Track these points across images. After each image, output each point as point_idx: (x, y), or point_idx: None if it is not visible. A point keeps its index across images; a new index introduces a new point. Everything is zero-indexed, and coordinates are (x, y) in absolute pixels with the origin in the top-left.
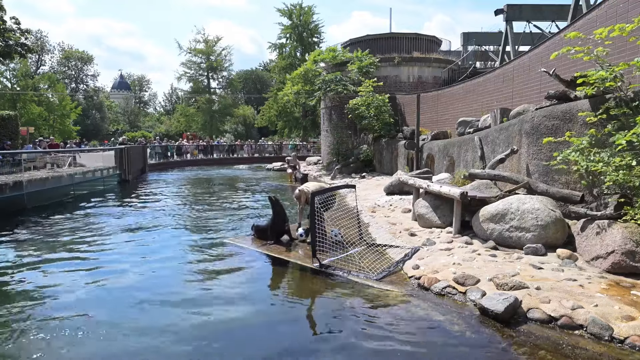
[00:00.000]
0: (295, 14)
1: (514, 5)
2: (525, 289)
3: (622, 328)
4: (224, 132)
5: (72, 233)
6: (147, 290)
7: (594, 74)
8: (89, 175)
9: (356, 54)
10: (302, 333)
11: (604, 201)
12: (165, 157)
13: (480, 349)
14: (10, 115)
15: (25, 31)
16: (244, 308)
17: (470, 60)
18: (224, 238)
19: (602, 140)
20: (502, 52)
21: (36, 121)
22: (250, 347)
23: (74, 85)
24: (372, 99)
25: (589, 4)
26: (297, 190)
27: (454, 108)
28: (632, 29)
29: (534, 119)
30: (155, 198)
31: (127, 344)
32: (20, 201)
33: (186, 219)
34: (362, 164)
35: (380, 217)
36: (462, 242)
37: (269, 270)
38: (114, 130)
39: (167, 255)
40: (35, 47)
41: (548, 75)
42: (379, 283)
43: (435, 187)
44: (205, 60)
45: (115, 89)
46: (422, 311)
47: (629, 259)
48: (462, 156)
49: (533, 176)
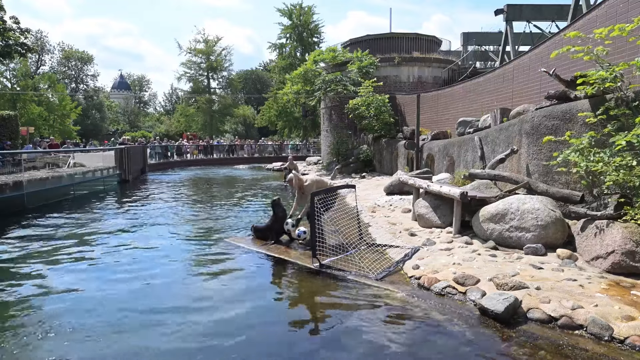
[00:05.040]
0: (295, 14)
1: (514, 5)
2: (525, 289)
3: (622, 328)
4: (224, 132)
5: (71, 233)
6: (146, 291)
7: (594, 74)
8: (89, 175)
9: (356, 54)
10: (302, 333)
11: (604, 201)
12: (165, 157)
13: (480, 349)
14: (10, 115)
15: (25, 31)
16: (244, 308)
17: (470, 60)
18: (224, 238)
19: (602, 140)
20: (502, 52)
21: (36, 121)
22: (250, 348)
23: (74, 85)
24: (372, 99)
25: (589, 4)
26: (290, 174)
27: (454, 108)
28: (632, 28)
29: (534, 119)
30: (155, 198)
31: (125, 344)
32: (20, 201)
33: (186, 219)
34: (362, 164)
35: (380, 217)
36: (462, 242)
37: (269, 270)
38: (113, 130)
39: (166, 256)
40: (35, 47)
41: (548, 75)
42: (379, 283)
43: (435, 187)
44: (205, 60)
45: (115, 89)
46: (422, 311)
47: (629, 259)
48: (462, 156)
49: (533, 176)
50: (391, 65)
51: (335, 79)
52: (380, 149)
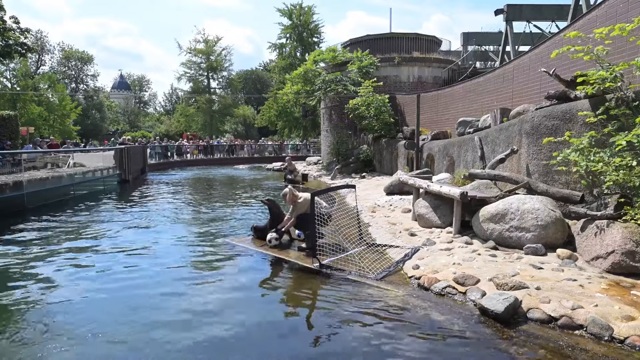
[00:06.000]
0: (295, 14)
1: (514, 5)
2: (525, 289)
3: (622, 328)
4: (224, 132)
5: (71, 233)
6: (145, 291)
7: (594, 73)
8: (89, 175)
9: (356, 54)
10: (302, 333)
11: (604, 201)
12: (165, 157)
13: (480, 349)
14: (10, 115)
15: (25, 30)
16: (244, 308)
17: (470, 60)
18: (224, 238)
19: (602, 140)
20: (502, 52)
21: (36, 121)
22: (250, 347)
23: (74, 85)
24: (372, 99)
25: (589, 4)
26: (286, 189)
27: (454, 108)
28: (632, 28)
29: (534, 119)
30: (155, 198)
31: (124, 345)
32: (20, 201)
33: (186, 219)
34: (362, 164)
35: (380, 217)
36: (462, 242)
37: (269, 270)
38: (113, 130)
39: (166, 255)
40: (35, 47)
41: (548, 75)
42: (379, 283)
43: (435, 187)
44: (205, 60)
45: (115, 89)
46: (422, 311)
47: (629, 259)
48: (462, 156)
49: (533, 176)
50: (391, 65)
51: (335, 79)
52: (380, 149)
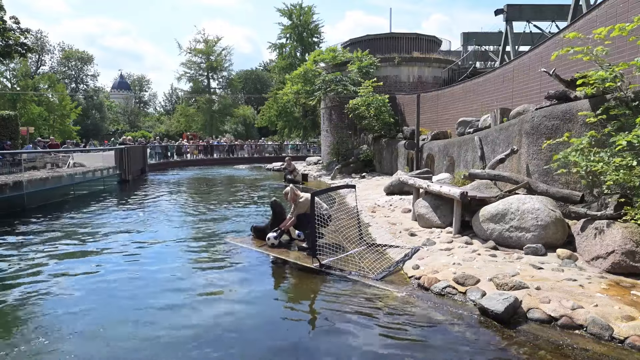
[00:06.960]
0: (295, 14)
1: (514, 5)
2: (525, 289)
3: (622, 328)
4: (223, 132)
5: (71, 233)
6: (145, 291)
7: (593, 74)
8: (89, 176)
9: (356, 54)
10: (302, 333)
11: (604, 201)
12: (165, 157)
13: (480, 349)
14: (10, 115)
15: (25, 30)
16: (244, 308)
17: (470, 60)
18: (224, 238)
19: (602, 140)
20: (502, 52)
21: (36, 121)
22: (250, 348)
23: (74, 85)
24: (372, 99)
25: (589, 4)
26: (287, 188)
27: (454, 108)
28: (632, 28)
29: (534, 119)
30: (155, 198)
31: (123, 344)
32: (20, 201)
33: (186, 219)
34: (362, 164)
35: (380, 217)
36: (462, 242)
37: (269, 271)
38: (113, 130)
39: (166, 256)
40: (35, 47)
41: (548, 75)
42: (379, 283)
43: (435, 187)
44: (205, 60)
45: (115, 89)
46: (422, 311)
47: (629, 259)
48: (462, 156)
49: (533, 176)
50: (391, 65)
51: (335, 79)
52: (380, 149)
